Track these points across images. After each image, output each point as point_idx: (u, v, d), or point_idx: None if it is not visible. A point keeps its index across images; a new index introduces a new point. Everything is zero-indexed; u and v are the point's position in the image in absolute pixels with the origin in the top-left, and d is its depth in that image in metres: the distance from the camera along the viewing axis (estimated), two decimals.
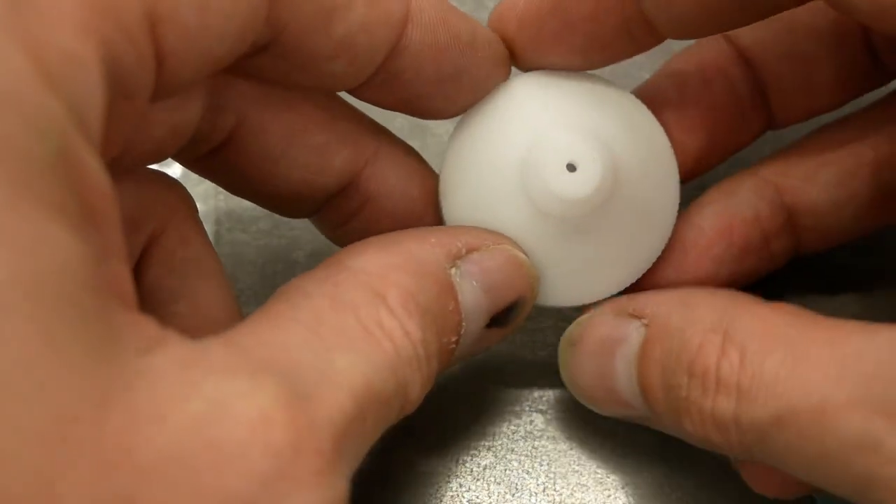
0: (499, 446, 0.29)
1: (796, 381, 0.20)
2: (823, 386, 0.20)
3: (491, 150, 0.26)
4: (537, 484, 0.28)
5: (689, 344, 0.23)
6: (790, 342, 0.21)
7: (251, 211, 0.31)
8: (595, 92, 0.26)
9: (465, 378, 0.29)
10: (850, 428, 0.19)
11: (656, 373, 0.23)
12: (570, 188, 0.24)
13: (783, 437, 0.20)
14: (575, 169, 0.24)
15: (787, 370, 0.21)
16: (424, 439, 0.29)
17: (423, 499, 0.28)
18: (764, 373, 0.21)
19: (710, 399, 0.22)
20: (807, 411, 0.20)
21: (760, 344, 0.21)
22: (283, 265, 0.31)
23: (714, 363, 0.22)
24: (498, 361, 0.29)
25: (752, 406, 0.21)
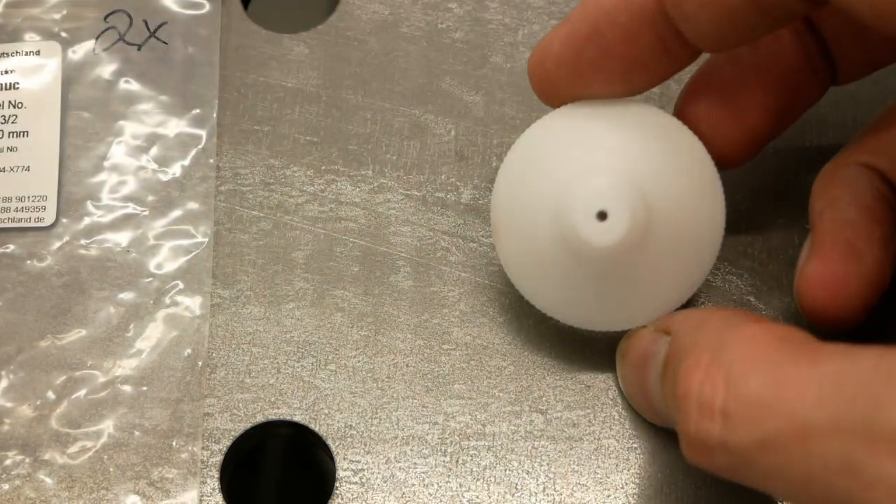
0: (499, 446, 0.29)
1: (779, 404, 0.20)
2: (804, 409, 0.20)
3: (530, 191, 0.26)
4: (537, 484, 0.28)
5: (682, 364, 0.23)
6: (774, 364, 0.21)
7: (251, 211, 0.31)
8: (632, 121, 0.26)
9: (464, 378, 0.29)
10: (832, 452, 0.19)
11: (668, 388, 0.24)
12: (599, 236, 0.25)
13: (769, 461, 0.20)
14: (605, 217, 0.24)
15: (769, 393, 0.20)
16: (425, 439, 0.29)
17: (423, 499, 0.28)
18: (748, 396, 0.21)
19: (693, 422, 0.22)
20: (790, 435, 0.20)
21: (746, 366, 0.21)
22: (283, 265, 0.31)
23: (697, 385, 0.22)
24: (498, 361, 0.29)
25: (738, 430, 0.21)
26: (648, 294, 0.27)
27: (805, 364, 0.21)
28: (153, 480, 0.28)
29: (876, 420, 0.19)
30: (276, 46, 0.33)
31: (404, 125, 0.32)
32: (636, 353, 0.27)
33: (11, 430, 0.29)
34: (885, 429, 0.19)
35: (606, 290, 0.26)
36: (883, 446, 0.18)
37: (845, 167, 0.27)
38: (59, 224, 0.31)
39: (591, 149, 0.26)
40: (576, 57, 0.26)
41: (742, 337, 0.22)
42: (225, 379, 0.30)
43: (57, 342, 0.30)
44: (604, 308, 0.27)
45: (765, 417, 0.20)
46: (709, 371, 0.22)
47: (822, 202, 0.27)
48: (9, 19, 0.33)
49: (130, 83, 0.33)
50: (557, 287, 0.27)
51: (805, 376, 0.20)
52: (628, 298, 0.26)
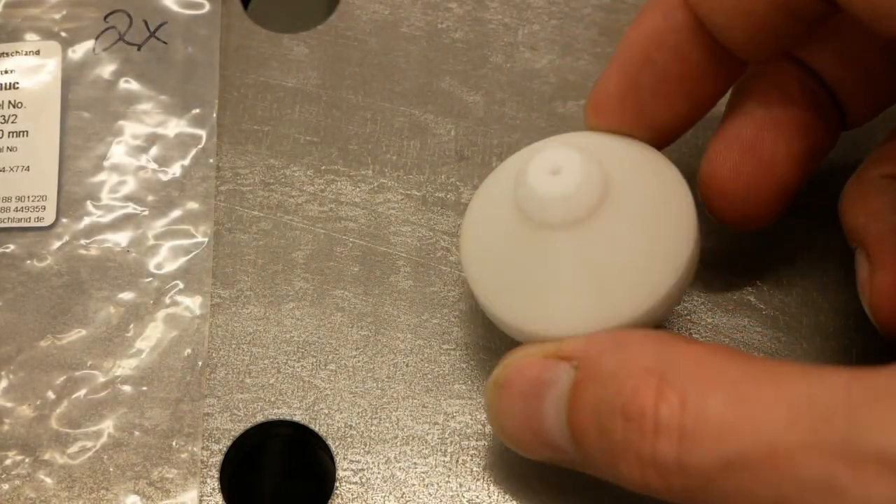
0: (499, 446, 0.29)
1: (743, 424, 0.20)
2: (773, 429, 0.19)
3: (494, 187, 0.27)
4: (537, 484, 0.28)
5: (623, 386, 0.22)
6: (731, 383, 0.21)
7: (251, 211, 0.31)
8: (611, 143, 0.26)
9: (464, 378, 0.29)
10: (809, 472, 0.19)
11: (588, 416, 0.23)
12: (551, 188, 0.24)
13: (733, 481, 0.20)
14: (558, 173, 0.24)
15: (731, 413, 0.20)
16: (425, 439, 0.29)
17: (423, 499, 0.28)
18: (708, 415, 0.20)
19: (649, 443, 0.21)
20: (758, 455, 0.19)
21: (700, 385, 0.21)
22: (283, 265, 0.31)
23: (651, 405, 0.21)
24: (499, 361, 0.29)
25: (697, 449, 0.20)
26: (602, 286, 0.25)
27: (765, 383, 0.20)
28: (153, 480, 0.28)
29: (857, 440, 0.18)
30: (276, 46, 0.33)
31: (404, 125, 0.32)
32: (522, 381, 0.24)
33: (11, 430, 0.29)
34: (868, 449, 0.18)
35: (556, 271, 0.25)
36: (867, 466, 0.18)
37: (873, 180, 0.27)
38: (59, 224, 0.31)
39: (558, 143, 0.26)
40: (635, 90, 0.26)
41: (687, 354, 0.22)
42: (225, 379, 0.30)
43: (57, 342, 0.30)
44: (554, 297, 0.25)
45: (727, 437, 0.20)
46: (661, 390, 0.21)
47: (863, 216, 0.26)
48: (9, 19, 0.33)
49: (130, 83, 0.33)
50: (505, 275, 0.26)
51: (770, 395, 0.20)
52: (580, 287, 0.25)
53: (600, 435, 0.22)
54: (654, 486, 0.22)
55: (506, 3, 0.34)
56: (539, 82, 0.33)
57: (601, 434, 0.22)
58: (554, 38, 0.33)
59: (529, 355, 0.24)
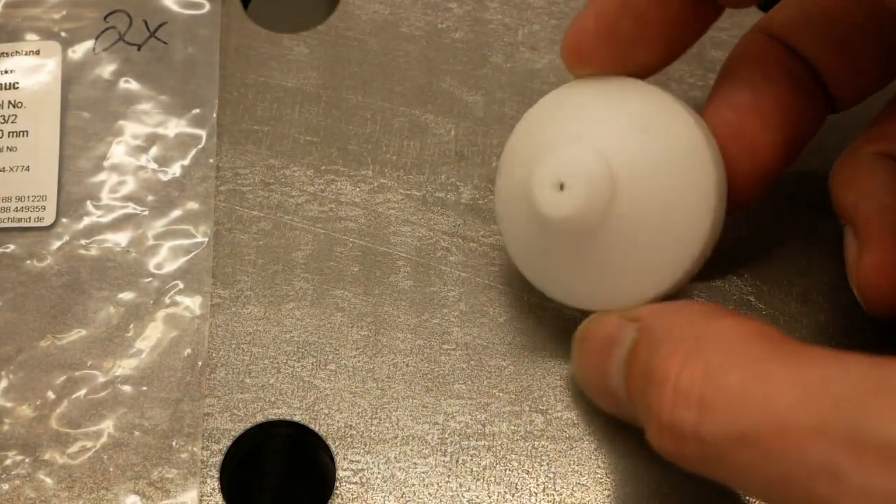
0: (499, 446, 0.29)
1: (759, 399, 0.20)
2: (786, 407, 0.20)
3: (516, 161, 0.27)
4: (537, 484, 0.28)
5: (658, 351, 0.23)
6: (754, 359, 0.21)
7: (251, 211, 0.31)
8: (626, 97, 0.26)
9: (464, 378, 0.29)
10: (814, 455, 0.19)
11: (637, 375, 0.24)
12: (554, 207, 0.24)
13: (745, 455, 0.20)
14: (564, 188, 0.24)
15: (749, 388, 0.20)
16: (425, 439, 0.29)
17: (423, 499, 0.28)
18: (727, 388, 0.21)
19: (668, 408, 0.22)
20: (769, 432, 0.20)
21: (725, 358, 0.21)
22: (283, 265, 0.31)
23: (674, 373, 0.22)
24: (498, 361, 0.29)
25: (714, 420, 0.21)
26: (624, 273, 0.26)
27: (787, 363, 0.20)
28: (153, 480, 0.28)
29: (864, 429, 0.19)
30: (276, 46, 0.33)
31: (404, 125, 0.32)
32: (599, 337, 0.26)
33: (11, 430, 0.29)
34: (873, 438, 0.18)
35: (577, 264, 0.26)
36: (870, 455, 0.18)
37: (865, 157, 0.27)
38: (59, 224, 0.31)
39: (568, 120, 0.26)
40: (612, 31, 0.26)
41: (721, 329, 0.22)
42: (225, 379, 0.30)
43: (57, 342, 0.30)
44: (579, 283, 0.26)
45: (743, 411, 0.20)
46: (687, 360, 0.22)
47: (853, 194, 0.27)
48: (9, 19, 0.33)
49: (130, 83, 0.33)
50: (538, 259, 0.27)
51: (788, 375, 0.20)
52: (602, 275, 0.26)
53: (641, 395, 0.23)
54: (670, 452, 0.22)
55: (506, 3, 0.34)
56: (539, 82, 0.33)
57: (641, 394, 0.23)
58: (554, 38, 0.33)
59: (609, 313, 0.26)
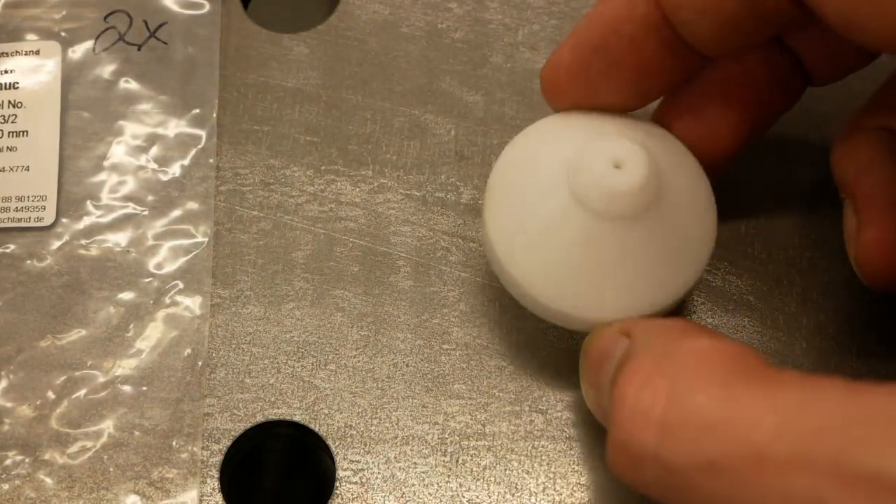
0: (499, 446, 0.29)
1: (730, 426, 0.19)
2: (760, 436, 0.19)
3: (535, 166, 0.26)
4: (537, 484, 0.28)
5: (625, 367, 0.22)
6: (724, 383, 0.20)
7: (251, 211, 0.31)
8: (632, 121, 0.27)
9: (464, 378, 0.29)
10: (797, 487, 0.18)
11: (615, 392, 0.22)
12: (618, 182, 0.25)
13: (714, 484, 0.19)
14: (621, 167, 0.25)
15: (719, 413, 0.19)
16: (425, 439, 0.29)
17: (423, 499, 0.28)
18: (693, 412, 0.20)
19: (625, 429, 0.21)
20: (743, 461, 0.19)
21: (692, 380, 0.20)
22: (283, 265, 0.31)
23: (634, 392, 0.21)
24: (498, 361, 0.29)
25: (678, 445, 0.20)
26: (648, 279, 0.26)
27: (760, 388, 0.20)
28: (153, 480, 0.28)
29: (850, 460, 0.18)
30: (276, 46, 0.33)
31: (404, 125, 0.32)
32: (595, 350, 0.25)
33: (11, 430, 0.29)
34: (860, 469, 0.18)
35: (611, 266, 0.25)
36: (859, 487, 0.18)
37: (865, 131, 0.27)
38: (59, 224, 0.31)
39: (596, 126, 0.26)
40: (585, 68, 0.26)
41: (691, 349, 0.21)
42: (225, 379, 0.30)
43: (57, 342, 0.30)
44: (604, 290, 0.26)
45: (712, 437, 0.19)
46: (650, 378, 0.21)
47: (853, 168, 0.26)
48: (9, 19, 0.33)
49: (130, 83, 0.33)
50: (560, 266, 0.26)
51: (760, 401, 0.19)
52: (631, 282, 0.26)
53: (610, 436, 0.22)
54: (625, 475, 0.21)
55: (506, 3, 0.34)
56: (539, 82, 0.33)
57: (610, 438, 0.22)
58: (554, 38, 0.33)
59: (606, 327, 0.25)
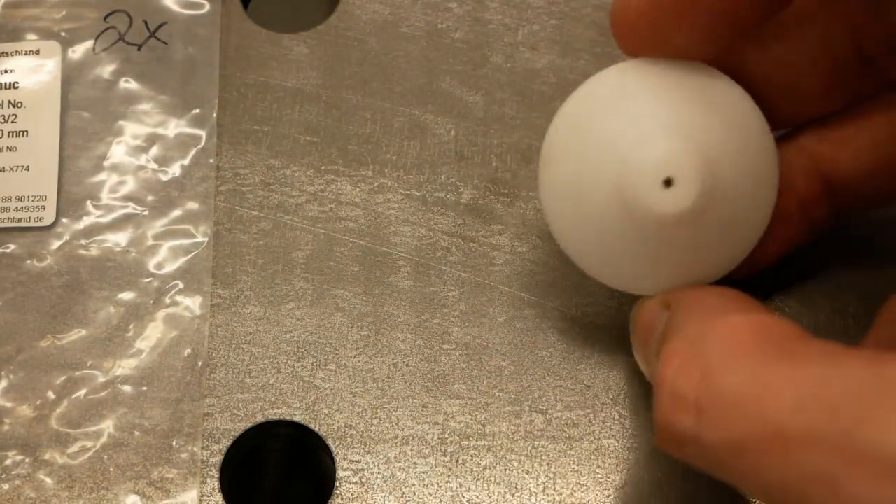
0: (499, 446, 0.29)
1: (755, 405, 0.19)
2: (781, 414, 0.19)
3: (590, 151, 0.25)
4: (537, 484, 0.28)
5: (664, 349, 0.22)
6: (753, 361, 0.20)
7: (251, 211, 0.31)
8: (700, 84, 0.25)
9: (464, 378, 0.29)
10: (810, 463, 0.18)
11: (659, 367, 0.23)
12: (665, 204, 0.24)
13: (743, 463, 0.20)
14: (671, 183, 0.24)
15: (746, 392, 0.20)
16: (425, 439, 0.29)
17: (423, 499, 0.28)
18: (724, 393, 0.20)
19: (666, 412, 0.21)
20: (766, 440, 0.19)
21: (724, 361, 0.21)
22: (283, 265, 0.31)
23: (671, 375, 0.21)
24: (498, 361, 0.29)
25: (712, 427, 0.20)
26: (702, 262, 0.26)
27: (786, 364, 0.20)
28: (153, 480, 0.28)
29: (859, 437, 0.18)
30: (276, 46, 0.33)
31: (404, 125, 0.32)
32: (641, 324, 0.25)
33: (11, 430, 0.29)
34: (865, 446, 0.18)
35: (662, 258, 0.25)
36: (863, 465, 0.18)
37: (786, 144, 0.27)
38: (59, 224, 0.31)
39: (656, 111, 0.25)
40: (657, 6, 0.24)
41: (723, 328, 0.21)
42: (225, 379, 0.30)
43: (57, 342, 0.30)
44: (655, 275, 0.26)
45: (740, 418, 0.20)
46: (685, 361, 0.21)
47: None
48: (9, 19, 0.33)
49: (130, 83, 0.33)
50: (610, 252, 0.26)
51: (784, 378, 0.19)
52: (683, 266, 0.25)
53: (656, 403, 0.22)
54: (673, 454, 0.22)
55: (506, 3, 0.34)
56: (539, 82, 0.33)
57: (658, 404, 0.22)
58: (554, 38, 0.33)
59: (651, 299, 0.26)
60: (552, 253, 0.31)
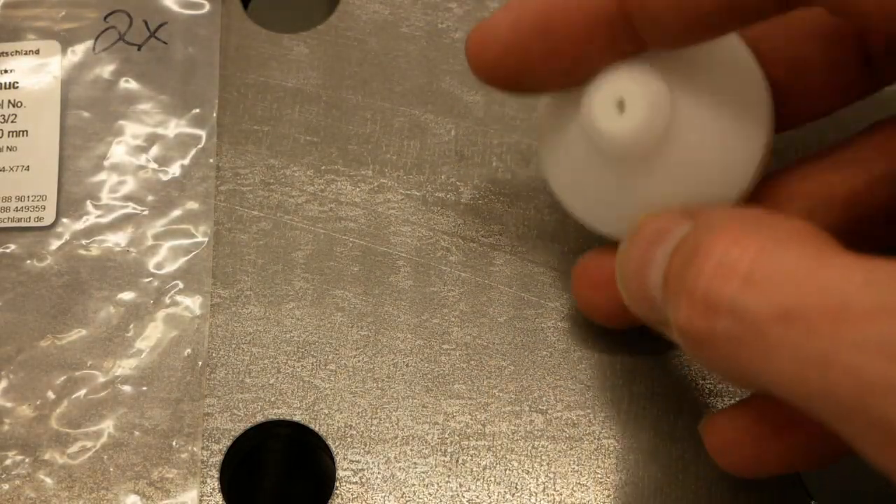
0: (499, 446, 0.29)
1: (814, 279, 0.19)
2: (846, 288, 0.19)
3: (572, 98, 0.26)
4: (537, 484, 0.28)
5: (711, 231, 0.21)
6: (817, 248, 0.20)
7: (251, 211, 0.31)
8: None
9: (464, 378, 0.29)
10: (872, 332, 0.18)
11: (680, 256, 0.22)
12: (614, 126, 0.24)
13: (785, 333, 0.19)
14: (624, 107, 0.24)
15: (805, 268, 0.19)
16: (425, 439, 0.29)
17: (423, 499, 0.28)
18: (782, 265, 0.20)
19: (707, 280, 0.21)
20: (821, 310, 0.19)
21: (785, 241, 0.20)
22: (283, 265, 0.31)
23: (723, 247, 0.21)
24: (498, 361, 0.30)
25: (756, 295, 0.20)
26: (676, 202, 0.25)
27: (852, 256, 0.20)
28: (153, 480, 0.28)
29: None
30: (276, 46, 0.33)
31: (404, 125, 0.32)
32: (653, 228, 0.24)
33: (11, 430, 0.29)
34: None
35: (629, 191, 0.25)
36: None
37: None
38: (59, 224, 0.31)
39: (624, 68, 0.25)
40: (523, 49, 0.25)
41: (783, 221, 0.21)
42: (225, 379, 0.30)
43: (57, 342, 0.30)
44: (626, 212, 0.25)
45: (794, 289, 0.19)
46: (741, 237, 0.21)
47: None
48: (9, 19, 0.33)
49: (130, 83, 0.33)
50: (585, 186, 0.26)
51: (852, 263, 0.19)
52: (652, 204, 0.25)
53: (677, 278, 0.22)
54: (696, 330, 0.21)
55: (506, 2, 0.34)
56: None
57: (678, 277, 0.22)
58: None
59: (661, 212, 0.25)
60: (552, 253, 0.31)
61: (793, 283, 0.19)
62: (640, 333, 0.29)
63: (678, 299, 0.22)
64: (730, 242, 0.21)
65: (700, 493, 0.28)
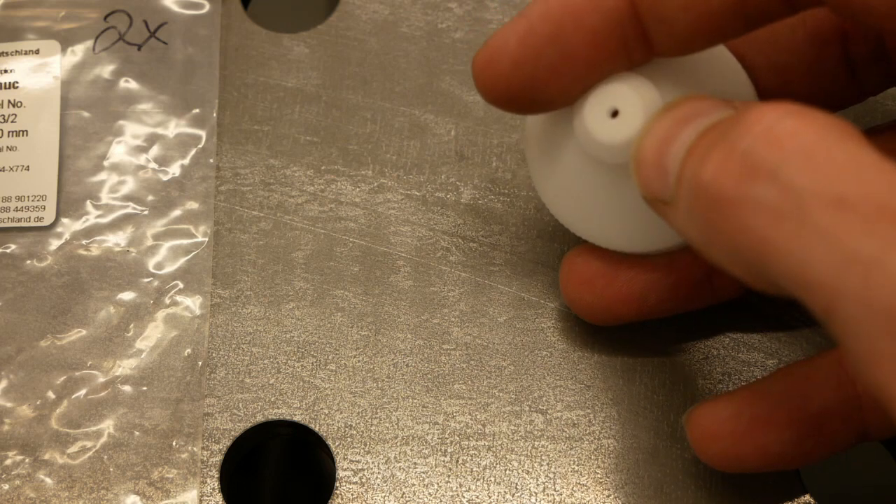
0: (499, 446, 0.29)
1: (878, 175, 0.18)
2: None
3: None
4: (537, 484, 0.28)
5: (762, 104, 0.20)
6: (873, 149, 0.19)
7: (251, 211, 0.31)
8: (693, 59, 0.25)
9: (464, 378, 0.29)
10: None
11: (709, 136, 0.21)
12: (607, 133, 0.24)
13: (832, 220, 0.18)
14: (617, 115, 0.24)
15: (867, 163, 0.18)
16: (425, 439, 0.29)
17: (423, 499, 0.28)
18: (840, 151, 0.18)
19: (752, 140, 0.19)
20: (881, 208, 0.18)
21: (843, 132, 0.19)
22: (283, 265, 0.31)
23: (776, 117, 0.19)
24: (498, 361, 0.30)
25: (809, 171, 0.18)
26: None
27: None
28: (153, 480, 0.28)
29: None
30: (276, 46, 0.33)
31: (404, 125, 0.32)
32: (687, 108, 0.23)
33: (11, 430, 0.29)
34: None
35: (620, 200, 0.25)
36: None
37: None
38: (59, 224, 0.31)
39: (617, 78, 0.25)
40: (535, 59, 0.24)
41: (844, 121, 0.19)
42: (225, 379, 0.30)
43: (57, 342, 0.30)
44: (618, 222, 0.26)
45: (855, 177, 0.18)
46: (795, 111, 0.19)
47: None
48: (9, 19, 0.33)
49: (130, 83, 0.33)
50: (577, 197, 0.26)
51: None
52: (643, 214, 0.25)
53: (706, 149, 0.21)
54: (720, 185, 0.20)
55: (506, 3, 0.34)
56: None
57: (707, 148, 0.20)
58: None
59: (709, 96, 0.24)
60: (552, 253, 0.31)
61: (853, 172, 0.18)
62: (640, 333, 0.29)
63: (708, 154, 0.20)
64: (783, 113, 0.19)
65: (700, 493, 0.28)
